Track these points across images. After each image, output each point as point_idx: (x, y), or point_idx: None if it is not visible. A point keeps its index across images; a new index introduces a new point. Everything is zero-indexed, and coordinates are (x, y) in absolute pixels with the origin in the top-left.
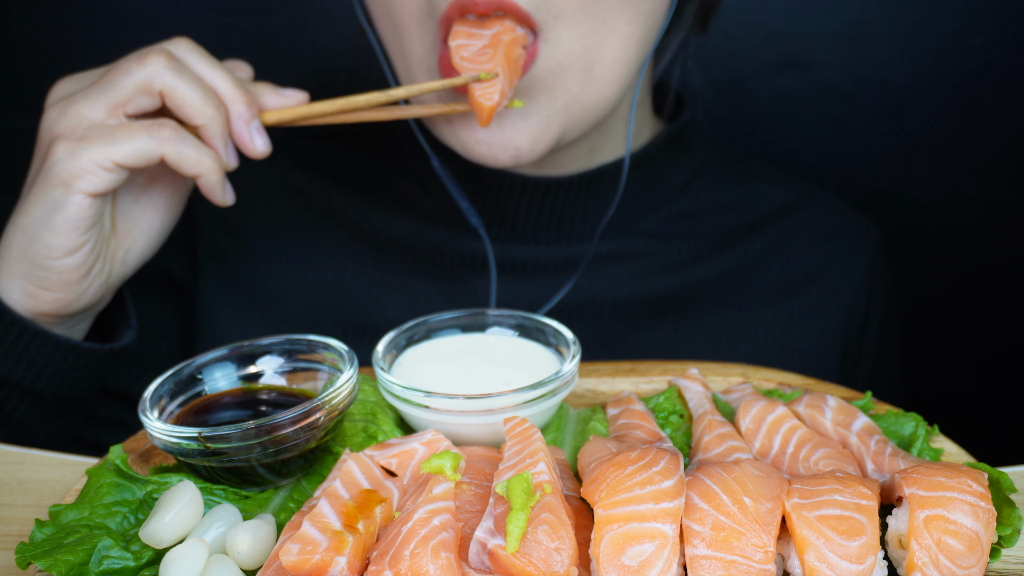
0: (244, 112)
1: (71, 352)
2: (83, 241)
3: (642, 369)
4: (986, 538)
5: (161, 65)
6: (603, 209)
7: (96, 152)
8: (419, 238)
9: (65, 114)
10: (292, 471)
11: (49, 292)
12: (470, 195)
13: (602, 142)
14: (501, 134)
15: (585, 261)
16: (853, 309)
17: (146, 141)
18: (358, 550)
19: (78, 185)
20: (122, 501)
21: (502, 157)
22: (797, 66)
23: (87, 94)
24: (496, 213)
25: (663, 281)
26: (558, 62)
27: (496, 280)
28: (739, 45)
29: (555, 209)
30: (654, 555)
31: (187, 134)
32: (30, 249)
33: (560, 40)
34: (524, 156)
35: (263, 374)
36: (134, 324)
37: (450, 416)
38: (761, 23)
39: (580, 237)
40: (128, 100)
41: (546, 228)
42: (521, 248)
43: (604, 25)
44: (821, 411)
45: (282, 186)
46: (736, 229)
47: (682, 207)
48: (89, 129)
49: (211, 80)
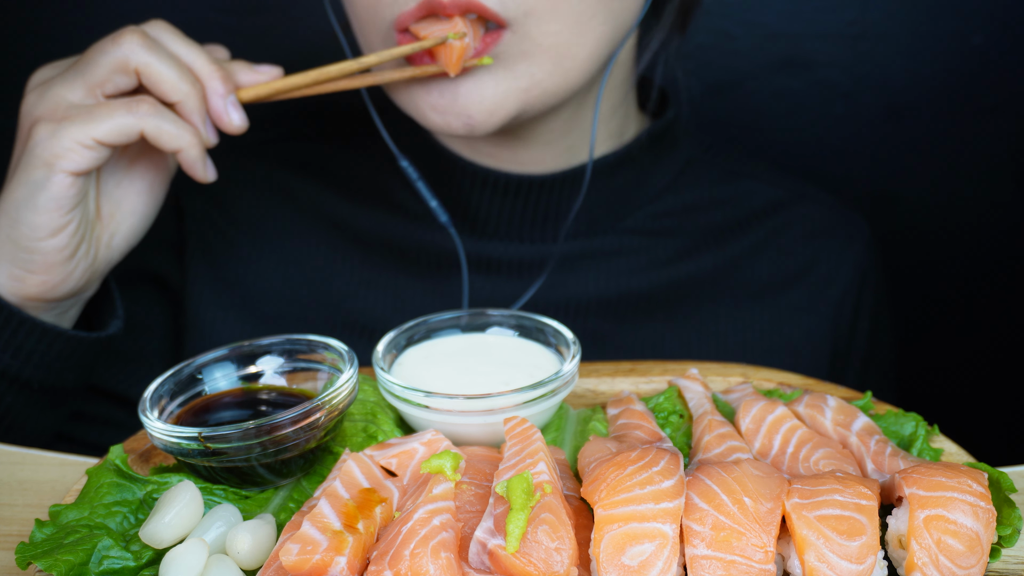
0: (220, 87)
1: (58, 339)
2: (67, 221)
3: (642, 369)
4: (986, 538)
5: (136, 44)
6: (583, 207)
7: (76, 130)
8: (405, 236)
9: (44, 97)
10: (292, 471)
11: (35, 275)
12: (448, 192)
13: (580, 140)
14: (455, 102)
15: (552, 259)
16: (843, 305)
17: (125, 117)
18: (358, 550)
19: (60, 164)
20: (122, 501)
21: (455, 124)
22: (797, 66)
23: (65, 77)
24: (471, 211)
25: (651, 278)
26: (523, 50)
27: (473, 278)
28: (739, 45)
29: (532, 207)
30: (654, 555)
31: (165, 110)
32: (14, 232)
33: (530, 34)
34: (477, 127)
35: (263, 374)
36: (120, 314)
37: (450, 416)
38: (761, 23)
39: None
40: (105, 80)
41: (525, 226)
42: (497, 245)
43: (578, 24)
44: (821, 411)
45: (268, 185)
46: (724, 226)
47: (669, 204)
48: (68, 109)
49: (186, 57)
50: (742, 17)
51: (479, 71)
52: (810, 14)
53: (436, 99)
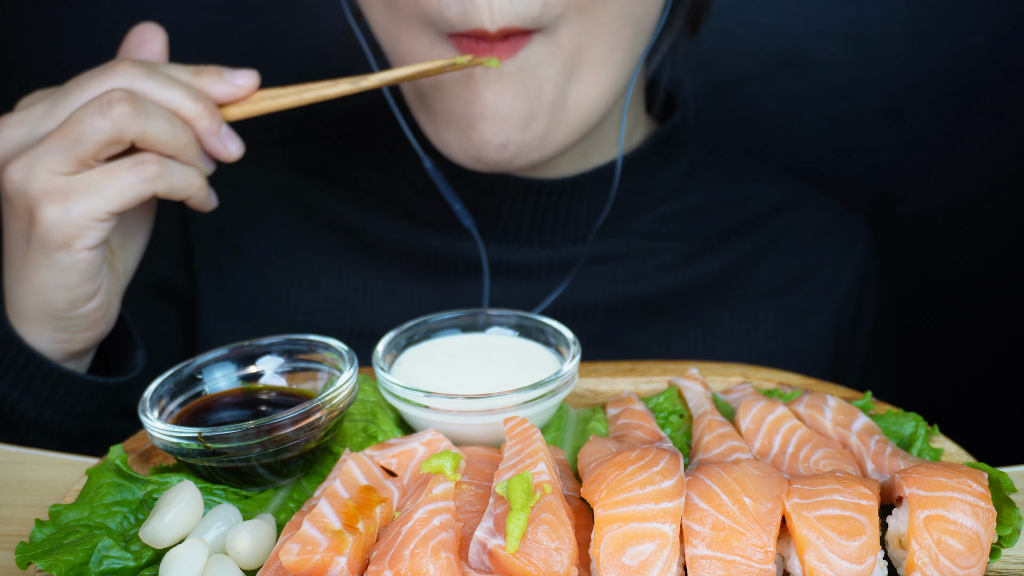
0: (210, 126)
1: (99, 390)
2: (98, 284)
3: (642, 369)
4: (986, 538)
5: (127, 115)
6: (596, 211)
7: (87, 207)
8: (413, 241)
9: (33, 174)
10: (292, 471)
11: (81, 334)
12: (462, 197)
13: (594, 144)
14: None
15: (579, 263)
16: (845, 308)
17: (135, 185)
18: (358, 550)
19: (79, 244)
20: (122, 501)
21: (497, 141)
22: (797, 66)
23: (51, 150)
24: (489, 215)
25: (656, 282)
26: (547, 51)
27: (489, 282)
28: (739, 45)
29: (548, 211)
30: (654, 555)
31: (168, 163)
32: (51, 308)
33: (557, 35)
34: (512, 148)
35: (263, 374)
36: (140, 344)
37: (450, 416)
38: (761, 23)
39: (573, 239)
40: (98, 153)
41: (539, 230)
42: (514, 250)
43: (599, 27)
44: (821, 411)
45: (274, 190)
46: (729, 229)
47: (674, 208)
48: (69, 184)
49: (171, 103)
50: (742, 17)
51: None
52: (810, 14)
53: (467, 132)
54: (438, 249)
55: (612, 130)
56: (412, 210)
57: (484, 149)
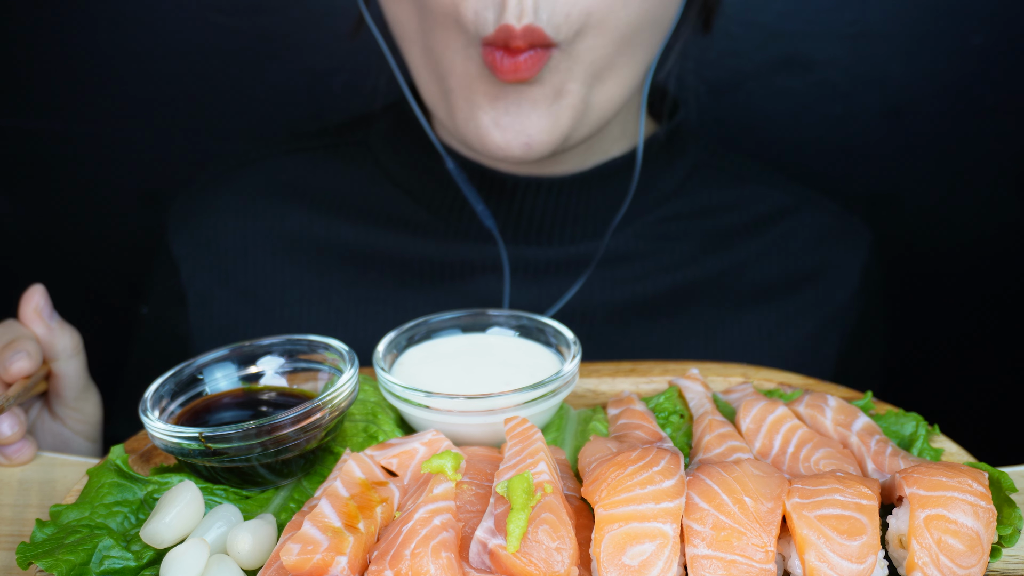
0: None
1: None
2: None
3: (642, 369)
4: (986, 538)
5: None
6: (602, 208)
7: None
8: (404, 249)
9: None
10: (293, 471)
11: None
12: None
13: (598, 142)
14: (515, 124)
15: (595, 260)
16: (847, 310)
17: None
18: (359, 550)
19: None
20: (123, 501)
21: (515, 144)
22: (797, 66)
23: None
24: (495, 214)
25: (657, 283)
26: (567, 67)
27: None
28: (739, 45)
29: (555, 209)
30: (654, 555)
31: None
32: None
33: (575, 49)
34: (535, 148)
35: (264, 374)
36: None
37: (451, 416)
38: (761, 23)
39: (579, 237)
40: None
41: (548, 228)
42: (523, 249)
43: (617, 36)
44: (821, 411)
45: (254, 212)
46: (730, 230)
47: (676, 209)
48: None
49: None
50: (742, 17)
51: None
52: (810, 14)
53: (501, 116)
54: (433, 255)
55: (614, 126)
56: (399, 217)
57: (508, 148)
